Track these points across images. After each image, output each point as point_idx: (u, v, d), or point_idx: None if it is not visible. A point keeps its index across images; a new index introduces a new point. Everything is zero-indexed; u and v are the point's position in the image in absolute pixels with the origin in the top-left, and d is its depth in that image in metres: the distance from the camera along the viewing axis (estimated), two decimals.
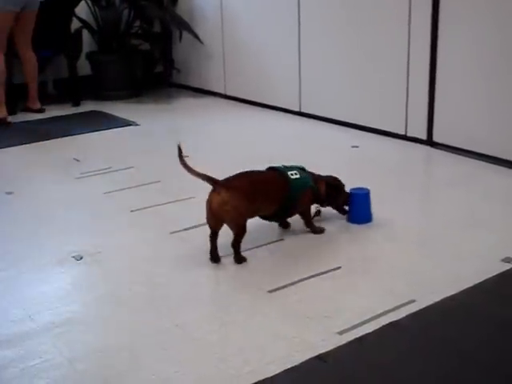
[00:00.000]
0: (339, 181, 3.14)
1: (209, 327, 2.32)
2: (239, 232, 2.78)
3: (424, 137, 4.34)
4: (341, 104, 4.85)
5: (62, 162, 4.20)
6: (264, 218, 3.01)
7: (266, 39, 5.33)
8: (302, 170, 3.04)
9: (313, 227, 3.07)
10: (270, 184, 2.91)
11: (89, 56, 5.90)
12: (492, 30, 3.88)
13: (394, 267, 2.74)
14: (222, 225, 2.78)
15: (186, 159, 2.81)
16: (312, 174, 3.07)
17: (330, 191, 3.08)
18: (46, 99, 5.60)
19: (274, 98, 5.35)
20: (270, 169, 3.02)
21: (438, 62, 4.18)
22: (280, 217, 3.05)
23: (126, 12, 5.88)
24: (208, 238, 2.79)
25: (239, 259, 2.79)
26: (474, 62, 4.01)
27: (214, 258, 2.80)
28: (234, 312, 2.42)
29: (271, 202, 2.91)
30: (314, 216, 3.15)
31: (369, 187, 3.17)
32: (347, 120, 4.79)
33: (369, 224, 3.11)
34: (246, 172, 2.91)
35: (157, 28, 6.15)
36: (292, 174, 2.95)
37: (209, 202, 2.75)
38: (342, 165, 3.14)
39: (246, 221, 2.79)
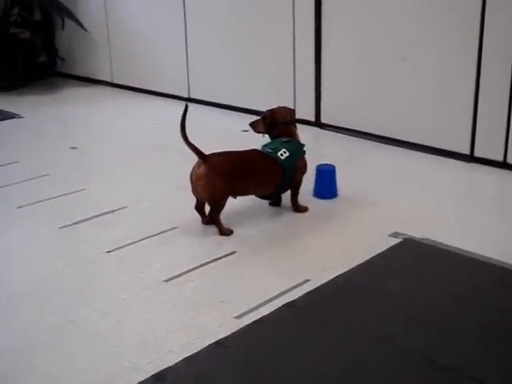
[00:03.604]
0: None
1: (105, 321, 2.28)
2: (212, 207, 2.89)
3: (312, 118, 4.43)
4: (230, 89, 4.86)
5: None
6: (260, 197, 3.11)
7: (152, 25, 5.25)
8: (286, 141, 3.03)
9: (297, 205, 3.12)
10: (260, 169, 2.96)
11: None
12: (373, 13, 4.00)
13: (288, 248, 2.78)
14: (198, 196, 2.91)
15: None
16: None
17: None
18: None
19: (163, 85, 5.29)
20: (259, 152, 3.03)
21: (322, 46, 4.27)
22: (278, 195, 3.13)
23: None
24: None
25: (221, 231, 2.87)
26: (356, 46, 4.12)
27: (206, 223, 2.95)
28: (130, 304, 2.39)
29: (263, 186, 3.02)
30: None
31: None
32: (236, 104, 4.80)
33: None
34: (237, 152, 2.97)
35: (37, 16, 5.92)
36: (282, 154, 2.98)
37: (191, 174, 2.86)
38: (233, 149, 3.17)
39: (221, 198, 2.87)
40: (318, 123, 4.42)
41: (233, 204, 3.00)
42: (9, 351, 2.14)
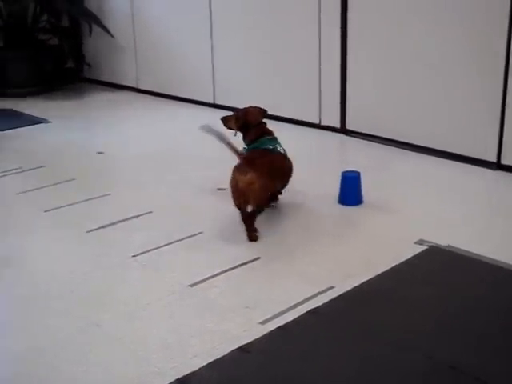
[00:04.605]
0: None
1: (130, 325, 2.30)
2: (259, 210, 2.89)
3: (337, 125, 4.43)
4: (255, 95, 4.86)
5: None
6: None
7: (179, 31, 5.29)
8: (271, 138, 3.13)
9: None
10: (283, 163, 3.08)
11: None
12: (400, 18, 3.99)
13: (312, 254, 2.78)
14: (247, 203, 2.87)
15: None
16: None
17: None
18: None
19: (188, 91, 5.32)
20: (270, 150, 3.07)
21: (348, 52, 4.26)
22: None
23: (32, 6, 5.71)
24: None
25: (251, 237, 2.88)
26: (383, 51, 4.11)
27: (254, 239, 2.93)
28: (156, 309, 2.40)
29: (285, 178, 3.12)
30: None
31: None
32: None
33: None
34: (261, 151, 3.02)
35: (65, 22, 6.00)
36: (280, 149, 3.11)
37: (235, 182, 2.82)
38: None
39: (269, 198, 2.97)
40: (343, 130, 4.42)
41: None
42: (34, 352, 2.16)
